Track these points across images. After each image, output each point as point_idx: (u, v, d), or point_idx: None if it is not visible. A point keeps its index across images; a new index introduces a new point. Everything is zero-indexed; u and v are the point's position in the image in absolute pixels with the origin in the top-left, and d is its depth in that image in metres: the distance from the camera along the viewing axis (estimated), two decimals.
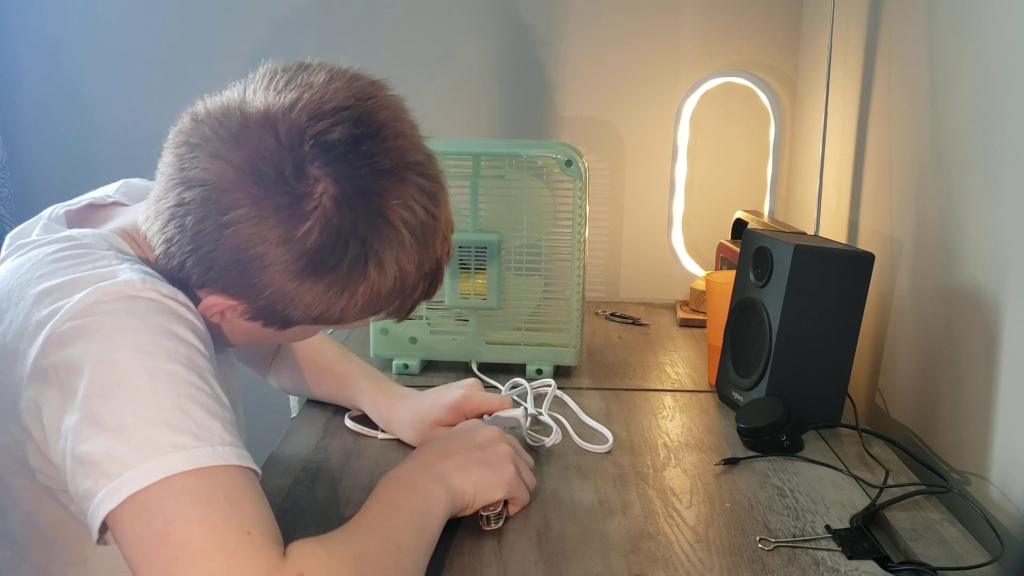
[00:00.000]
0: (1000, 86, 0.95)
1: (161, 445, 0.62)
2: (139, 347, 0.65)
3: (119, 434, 0.62)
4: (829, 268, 1.08)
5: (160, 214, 0.73)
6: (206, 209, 0.69)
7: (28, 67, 1.77)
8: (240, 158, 0.69)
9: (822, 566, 0.81)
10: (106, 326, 0.65)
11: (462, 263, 1.25)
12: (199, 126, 0.72)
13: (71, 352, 0.64)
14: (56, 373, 0.65)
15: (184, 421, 0.63)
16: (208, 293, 0.73)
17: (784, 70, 1.73)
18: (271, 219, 0.68)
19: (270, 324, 0.76)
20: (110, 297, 0.66)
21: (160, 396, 0.64)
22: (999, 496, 0.93)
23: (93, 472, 0.62)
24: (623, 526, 0.87)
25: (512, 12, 1.73)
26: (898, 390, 1.19)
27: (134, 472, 0.61)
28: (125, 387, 0.63)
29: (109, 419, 0.63)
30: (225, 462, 0.63)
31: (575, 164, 1.21)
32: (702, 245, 1.76)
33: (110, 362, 0.64)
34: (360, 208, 0.70)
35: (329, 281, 0.71)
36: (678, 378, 1.31)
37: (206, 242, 0.70)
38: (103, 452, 0.62)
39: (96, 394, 0.63)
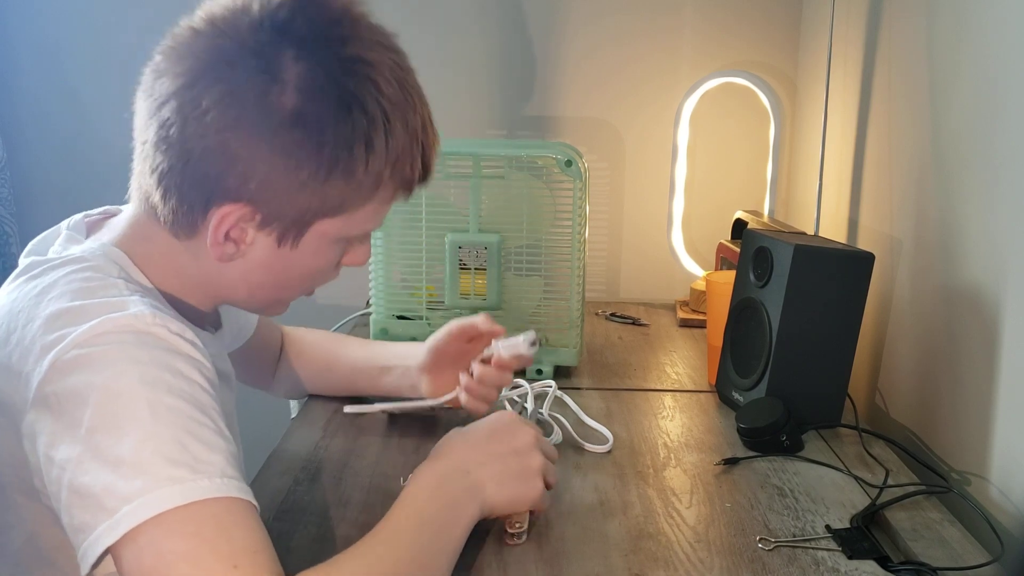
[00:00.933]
0: (1000, 86, 0.95)
1: (158, 479, 0.61)
2: (143, 380, 0.65)
3: (118, 467, 0.62)
4: (829, 268, 1.08)
5: (147, 157, 0.74)
6: (184, 111, 0.70)
7: (28, 67, 1.77)
8: (203, 48, 0.71)
9: (822, 566, 0.81)
10: (112, 357, 0.65)
11: (462, 263, 1.25)
12: (156, 64, 0.74)
13: (75, 381, 0.64)
14: (57, 401, 0.64)
15: (182, 454, 0.63)
16: (218, 211, 0.72)
17: (784, 70, 1.73)
18: (246, 92, 0.69)
19: (284, 236, 0.75)
20: (119, 329, 0.66)
21: (160, 429, 0.63)
22: (999, 496, 0.93)
23: (92, 506, 0.62)
24: (623, 526, 0.87)
25: (512, 12, 1.73)
26: (898, 390, 1.19)
27: (131, 507, 0.60)
28: (126, 419, 0.63)
29: (109, 452, 0.62)
30: (220, 494, 0.63)
31: (575, 164, 1.21)
32: (702, 245, 1.76)
33: (114, 393, 0.64)
34: (334, 65, 0.71)
35: (319, 143, 0.71)
36: (678, 378, 1.31)
37: (195, 146, 0.70)
38: (102, 486, 0.61)
39: (98, 426, 0.63)
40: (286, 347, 1.16)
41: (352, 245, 0.83)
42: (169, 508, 0.61)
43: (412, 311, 1.30)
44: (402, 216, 1.26)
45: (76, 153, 1.80)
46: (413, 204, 1.25)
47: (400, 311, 1.31)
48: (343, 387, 1.16)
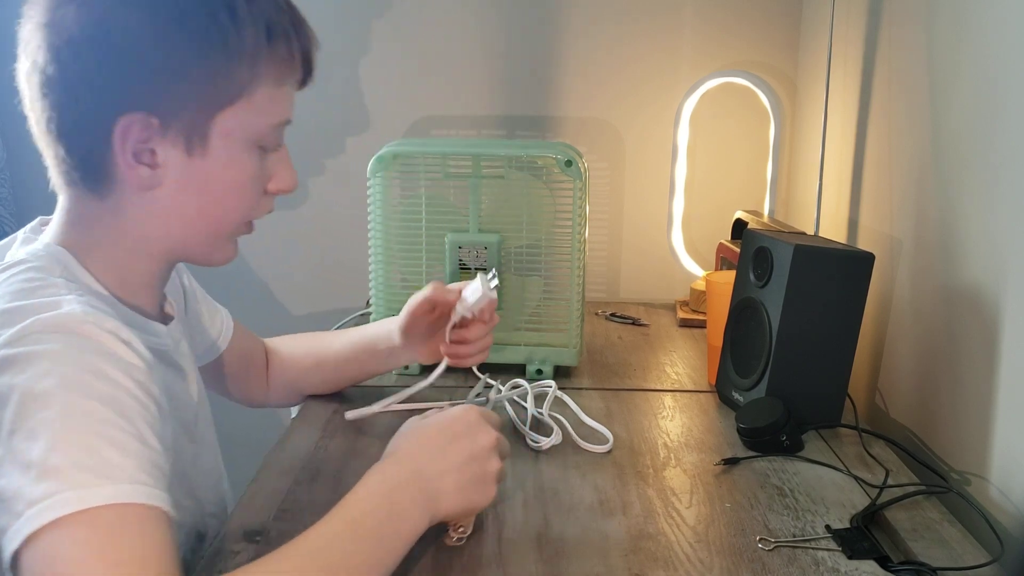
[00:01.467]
0: (1000, 86, 0.95)
1: (63, 483, 0.60)
2: (63, 382, 0.64)
3: (28, 470, 0.61)
4: (829, 268, 1.08)
5: (40, 120, 0.75)
6: (52, 43, 0.72)
7: None
8: None
9: (822, 566, 0.81)
10: (36, 357, 0.64)
11: (462, 263, 1.25)
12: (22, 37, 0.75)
13: (1, 381, 0.64)
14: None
15: (90, 458, 0.62)
16: (117, 128, 0.72)
17: (784, 70, 1.73)
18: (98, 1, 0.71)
19: (190, 142, 0.75)
20: (48, 328, 0.66)
21: (70, 434, 0.62)
22: (999, 496, 0.93)
23: (6, 509, 0.61)
24: (623, 526, 0.87)
25: (512, 13, 1.73)
26: (898, 390, 1.19)
27: (34, 511, 0.60)
28: (40, 422, 0.62)
29: (23, 455, 0.61)
30: (122, 500, 0.61)
31: (575, 164, 1.21)
32: (702, 245, 1.76)
33: (32, 395, 0.63)
34: None
35: (180, 17, 0.72)
36: (678, 378, 1.31)
37: (73, 71, 0.72)
38: (14, 489, 0.61)
39: (16, 428, 0.62)
40: (271, 357, 1.17)
41: (269, 162, 0.82)
42: (67, 513, 0.59)
43: None
44: (402, 216, 1.26)
45: None
46: (413, 204, 1.25)
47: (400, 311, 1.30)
48: (335, 380, 1.17)
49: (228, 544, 0.83)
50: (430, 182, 1.25)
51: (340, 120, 1.78)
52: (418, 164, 1.24)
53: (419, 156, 1.24)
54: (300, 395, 1.18)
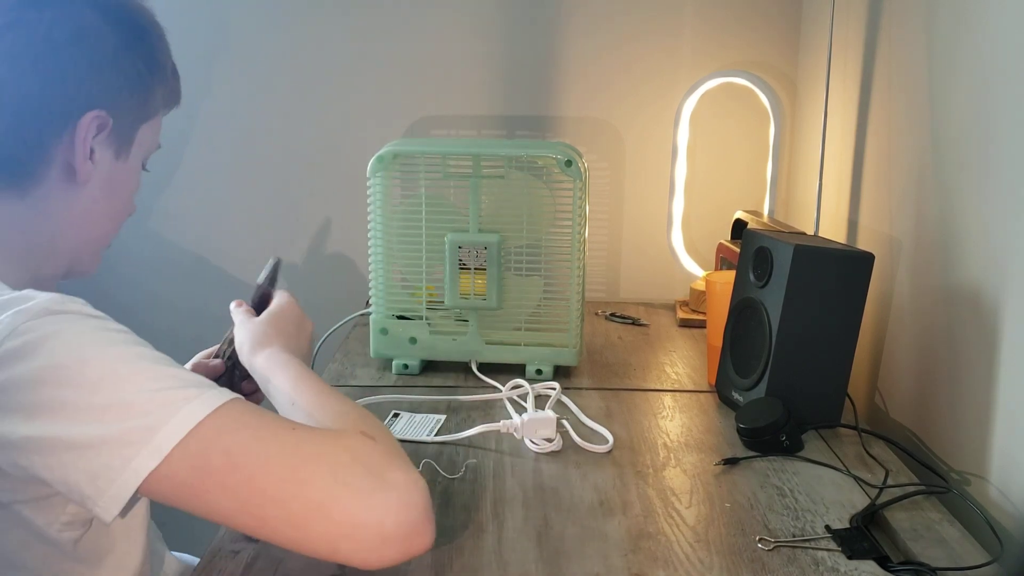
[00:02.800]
0: (999, 86, 0.95)
1: (178, 401, 0.65)
2: (95, 342, 0.67)
3: (129, 410, 0.64)
4: (829, 268, 1.08)
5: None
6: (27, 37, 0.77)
7: None
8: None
9: (822, 566, 0.81)
10: (52, 335, 0.66)
11: (462, 263, 1.25)
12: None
13: (23, 368, 0.65)
14: (11, 392, 0.65)
15: (180, 380, 0.67)
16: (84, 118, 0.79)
17: (784, 70, 1.73)
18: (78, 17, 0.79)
19: (121, 146, 0.84)
20: (39, 314, 0.67)
21: (147, 371, 0.67)
22: (998, 496, 0.93)
23: (109, 449, 0.64)
24: (623, 526, 0.87)
25: (512, 13, 1.73)
26: (898, 390, 1.19)
27: (168, 429, 0.64)
28: (110, 375, 0.66)
29: (111, 404, 0.64)
30: (230, 397, 0.68)
31: (575, 164, 1.21)
32: (702, 245, 1.76)
33: (78, 361, 0.66)
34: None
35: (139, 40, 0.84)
36: (678, 378, 1.31)
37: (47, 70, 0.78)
38: (119, 430, 0.64)
39: (84, 391, 0.65)
40: None
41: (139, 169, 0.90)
42: (204, 416, 0.65)
43: (412, 311, 1.30)
44: (402, 216, 1.26)
45: None
46: (413, 204, 1.25)
47: (400, 311, 1.31)
48: None
49: (227, 543, 0.83)
50: (430, 182, 1.25)
51: (340, 120, 1.78)
52: (418, 164, 1.24)
53: (419, 156, 1.24)
54: None
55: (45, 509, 0.72)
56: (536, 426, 1.03)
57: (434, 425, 1.10)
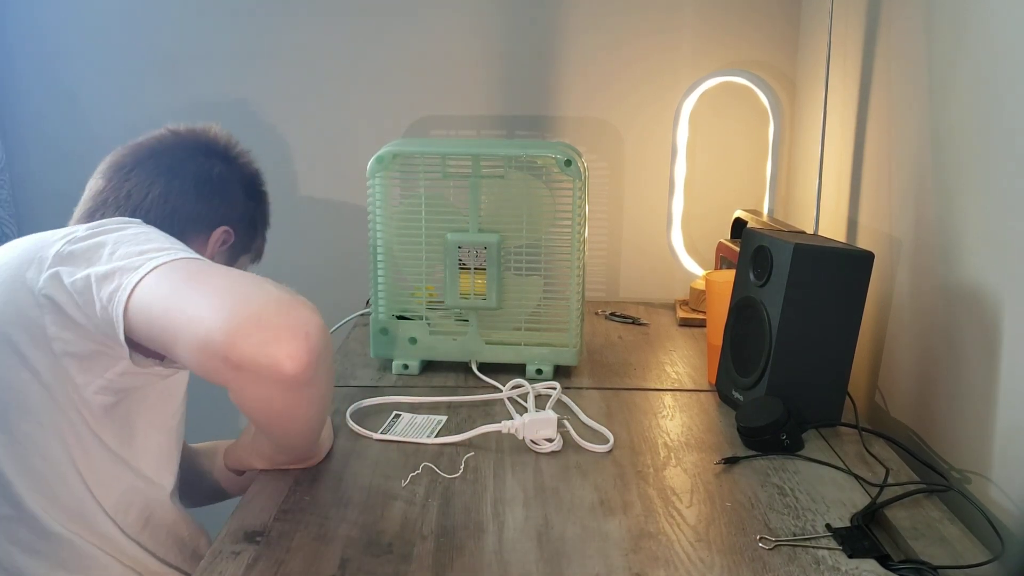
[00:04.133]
0: (999, 85, 0.95)
1: (172, 248, 0.87)
2: (147, 231, 0.93)
3: (143, 249, 0.86)
4: (829, 267, 1.08)
5: (187, 189, 1.09)
6: (213, 172, 1.12)
7: (27, 69, 1.77)
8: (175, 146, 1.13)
9: (823, 565, 0.81)
10: (117, 224, 0.93)
11: (462, 263, 1.25)
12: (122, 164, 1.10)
13: (92, 241, 0.89)
14: (80, 252, 0.88)
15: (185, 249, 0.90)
16: (221, 228, 1.11)
17: (783, 69, 1.73)
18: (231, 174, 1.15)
19: (231, 259, 1.15)
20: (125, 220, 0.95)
21: (166, 240, 0.91)
22: (999, 495, 0.93)
23: (119, 274, 0.84)
24: (623, 525, 0.87)
25: (512, 13, 1.73)
26: (898, 389, 1.19)
27: (162, 255, 0.85)
28: (141, 236, 0.90)
29: (135, 247, 0.87)
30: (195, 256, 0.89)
31: (574, 164, 1.21)
32: (702, 244, 1.76)
33: (132, 231, 0.91)
34: (242, 166, 1.17)
35: (258, 198, 1.19)
36: (678, 377, 1.31)
37: (209, 202, 1.11)
38: (130, 259, 0.85)
39: (120, 243, 0.88)
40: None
41: None
42: (176, 258, 0.85)
43: (412, 311, 1.30)
44: (402, 216, 1.26)
45: (75, 155, 1.80)
46: (413, 204, 1.25)
47: (400, 311, 1.31)
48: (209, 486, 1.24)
49: (228, 544, 0.83)
50: (430, 182, 1.25)
51: (340, 120, 1.78)
52: (418, 164, 1.24)
53: (419, 156, 1.24)
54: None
55: (87, 368, 0.90)
56: (537, 426, 1.03)
57: (435, 426, 1.10)
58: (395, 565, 0.80)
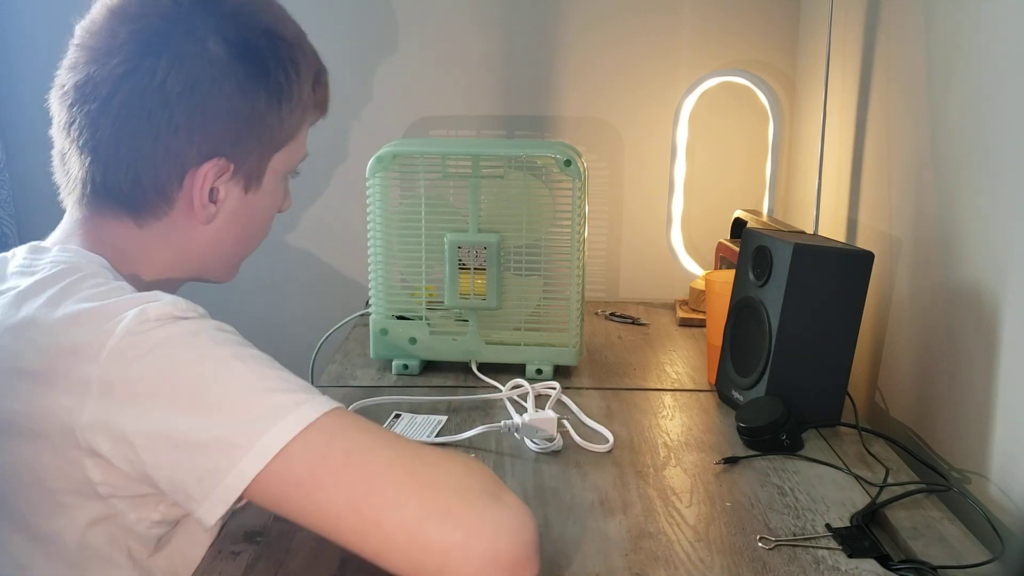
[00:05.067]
0: (998, 84, 0.95)
1: (286, 405, 0.66)
2: (215, 342, 0.69)
3: (237, 411, 0.66)
4: (829, 267, 1.08)
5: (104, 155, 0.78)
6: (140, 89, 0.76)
7: (26, 68, 1.77)
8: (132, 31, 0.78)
9: (822, 565, 0.81)
10: (173, 335, 0.68)
11: (462, 263, 1.25)
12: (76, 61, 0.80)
13: (143, 365, 0.67)
14: (130, 386, 0.66)
15: (290, 384, 0.68)
16: (199, 172, 0.80)
17: (783, 69, 1.73)
18: (188, 53, 0.77)
19: (250, 181, 0.84)
20: (162, 316, 0.69)
21: (258, 372, 0.68)
22: (999, 494, 0.93)
23: (218, 450, 0.65)
24: (623, 525, 0.87)
25: (511, 13, 1.73)
26: (898, 389, 1.19)
27: (274, 432, 0.64)
28: (223, 373, 0.67)
29: (221, 403, 0.66)
30: (337, 405, 0.69)
31: (574, 164, 1.21)
32: (701, 244, 1.76)
33: (195, 360, 0.68)
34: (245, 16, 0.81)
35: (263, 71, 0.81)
36: (678, 377, 1.31)
37: (160, 117, 0.77)
38: (227, 431, 0.65)
39: (196, 388, 0.66)
40: None
41: (285, 186, 0.91)
42: (311, 421, 0.65)
43: (412, 311, 1.30)
44: (401, 216, 1.26)
45: None
46: (412, 204, 1.25)
47: (400, 311, 1.31)
48: None
49: (228, 544, 0.83)
50: (429, 182, 1.25)
51: (339, 120, 1.78)
52: (417, 164, 1.24)
53: (418, 156, 1.24)
54: None
55: (140, 506, 0.73)
56: (537, 426, 1.03)
57: (435, 426, 1.10)
58: None
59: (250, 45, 0.80)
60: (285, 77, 0.82)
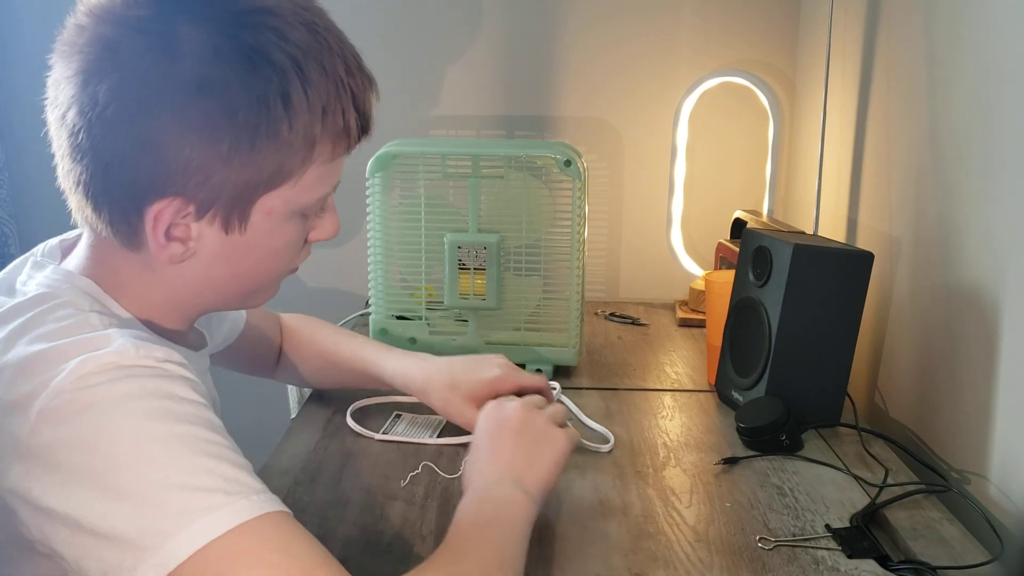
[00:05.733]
0: (998, 84, 0.95)
1: (197, 509, 0.59)
2: (147, 413, 0.62)
3: (146, 506, 0.59)
4: (828, 267, 1.08)
5: (67, 173, 0.69)
6: (85, 113, 0.65)
7: (27, 68, 1.77)
8: (86, 42, 0.66)
9: (822, 565, 0.81)
10: (105, 398, 0.61)
11: (461, 263, 1.25)
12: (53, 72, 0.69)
13: (68, 430, 0.60)
14: (50, 452, 0.61)
15: (212, 480, 0.61)
16: (150, 211, 0.68)
17: (783, 69, 1.73)
18: (140, 73, 0.65)
19: (229, 221, 0.70)
20: (103, 368, 0.62)
21: (180, 460, 0.61)
22: (998, 495, 0.93)
23: (123, 547, 0.59)
24: (623, 526, 0.87)
25: (511, 13, 1.73)
26: (897, 389, 1.20)
27: (177, 541, 0.58)
28: (141, 458, 0.60)
29: (132, 492, 0.60)
30: (262, 511, 0.61)
31: (574, 164, 1.21)
32: (701, 245, 1.76)
33: (117, 434, 0.61)
34: (229, 21, 0.66)
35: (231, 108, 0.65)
36: (678, 378, 1.31)
37: (106, 147, 0.66)
38: (134, 527, 0.59)
39: (109, 469, 0.60)
40: (285, 338, 1.15)
41: (312, 217, 0.78)
42: (217, 536, 0.59)
43: (411, 311, 1.30)
44: (401, 216, 1.26)
45: None
46: (412, 204, 1.25)
47: (399, 311, 1.31)
48: (344, 384, 1.15)
49: None
50: (429, 182, 1.25)
51: None
52: (417, 164, 1.24)
53: (418, 156, 1.24)
54: (309, 383, 1.18)
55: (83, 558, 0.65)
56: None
57: (436, 426, 1.09)
58: (394, 565, 0.80)
59: (222, 71, 0.65)
60: (267, 115, 0.66)
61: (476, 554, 0.71)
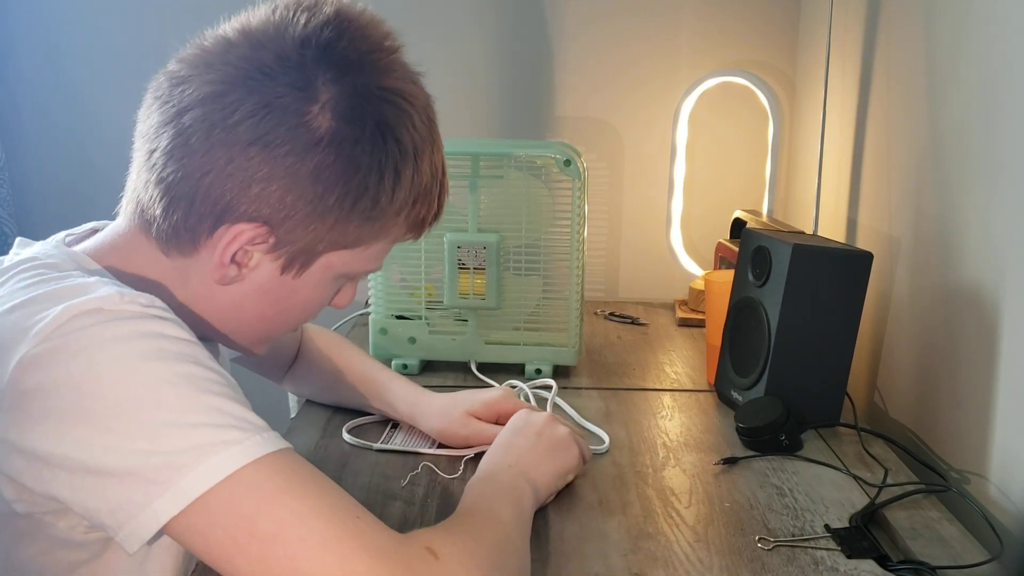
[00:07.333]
0: (998, 84, 0.95)
1: (212, 444, 0.59)
2: (142, 354, 0.61)
3: (158, 441, 0.59)
4: (828, 267, 1.08)
5: (155, 166, 0.70)
6: (212, 120, 0.67)
7: (28, 67, 1.77)
8: (238, 58, 0.68)
9: (821, 565, 0.81)
10: (94, 341, 0.60)
11: (461, 263, 1.25)
12: (176, 71, 0.71)
13: (56, 374, 0.59)
14: (37, 398, 0.60)
15: (222, 418, 0.61)
16: (231, 229, 0.69)
17: (782, 69, 1.73)
18: (282, 106, 0.67)
19: (291, 264, 0.73)
20: (88, 312, 0.61)
21: (187, 399, 0.61)
22: (998, 495, 0.93)
23: (131, 483, 0.59)
24: (622, 526, 0.87)
25: (511, 13, 1.73)
26: (897, 389, 1.20)
27: (195, 475, 0.58)
28: (147, 400, 0.60)
29: (139, 430, 0.59)
30: (276, 448, 0.62)
31: (574, 164, 1.21)
32: (701, 244, 1.76)
33: (116, 376, 0.60)
34: (373, 92, 0.70)
35: (352, 168, 0.69)
36: (677, 378, 1.31)
37: (219, 156, 0.67)
38: (144, 464, 0.58)
39: (110, 408, 0.59)
40: (299, 356, 1.14)
41: (345, 283, 0.81)
42: (235, 470, 0.59)
43: (411, 311, 1.30)
44: None
45: (75, 153, 1.80)
46: None
47: (399, 311, 1.31)
48: (349, 402, 1.13)
49: None
50: None
51: None
52: None
53: None
54: (316, 396, 1.17)
55: (65, 515, 0.66)
56: None
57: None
58: None
59: (355, 133, 0.69)
60: (377, 183, 0.71)
61: (486, 522, 0.74)
